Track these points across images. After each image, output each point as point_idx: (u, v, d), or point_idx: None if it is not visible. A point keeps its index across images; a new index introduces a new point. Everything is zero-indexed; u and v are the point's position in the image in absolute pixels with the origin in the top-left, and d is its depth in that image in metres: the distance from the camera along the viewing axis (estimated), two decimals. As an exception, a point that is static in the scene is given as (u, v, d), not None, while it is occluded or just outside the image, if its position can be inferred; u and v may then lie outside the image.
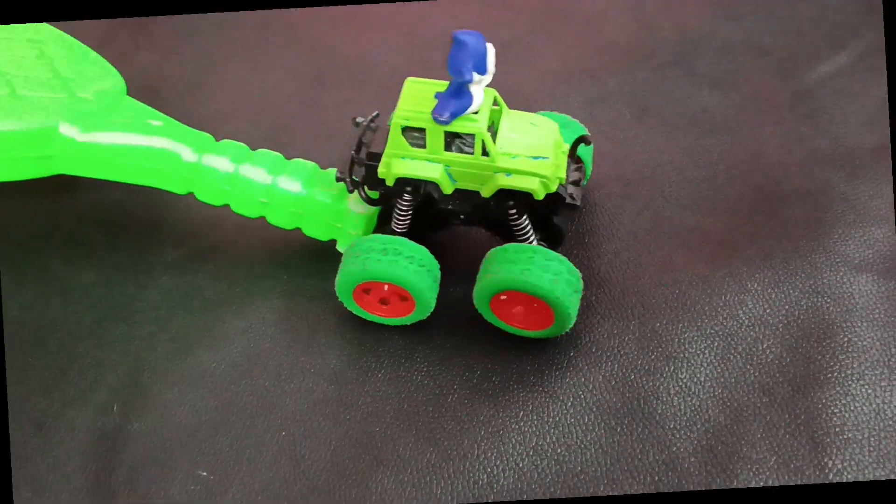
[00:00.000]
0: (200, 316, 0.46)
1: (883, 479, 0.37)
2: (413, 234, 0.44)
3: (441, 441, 0.39)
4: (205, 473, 0.39)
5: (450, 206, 0.44)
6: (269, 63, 0.64)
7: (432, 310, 0.43)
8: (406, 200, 0.43)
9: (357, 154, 0.44)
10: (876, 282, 0.44)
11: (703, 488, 0.37)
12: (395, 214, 0.44)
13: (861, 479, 0.37)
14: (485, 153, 0.41)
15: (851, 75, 0.58)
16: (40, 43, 0.50)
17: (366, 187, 0.44)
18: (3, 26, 0.50)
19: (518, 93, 0.58)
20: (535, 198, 0.41)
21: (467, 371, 0.42)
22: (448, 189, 0.42)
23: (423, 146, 0.41)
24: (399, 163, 0.42)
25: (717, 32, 0.62)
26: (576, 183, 0.43)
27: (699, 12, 0.65)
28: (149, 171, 0.46)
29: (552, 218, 0.44)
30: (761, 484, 0.37)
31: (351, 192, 0.44)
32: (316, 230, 0.47)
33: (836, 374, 0.41)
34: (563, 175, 0.42)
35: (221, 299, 0.47)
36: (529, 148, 0.42)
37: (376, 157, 0.43)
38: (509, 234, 0.44)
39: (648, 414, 0.40)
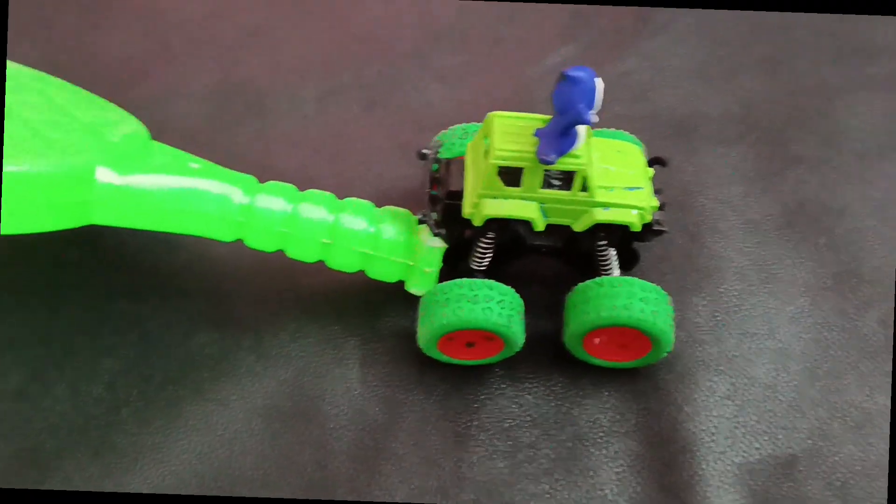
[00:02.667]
0: None
1: (501, 470, 0.41)
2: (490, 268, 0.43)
3: (106, 455, 0.41)
4: None
5: (537, 242, 0.42)
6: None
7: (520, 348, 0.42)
8: (490, 238, 0.42)
9: (432, 191, 0.42)
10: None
11: (348, 486, 0.40)
12: (476, 252, 0.43)
13: (493, 470, 0.41)
14: (583, 188, 0.40)
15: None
16: (44, 92, 0.45)
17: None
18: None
19: (250, 85, 0.58)
20: (632, 230, 0.41)
21: (145, 382, 0.43)
22: (541, 226, 0.41)
23: (514, 184, 0.40)
24: (490, 203, 0.40)
25: (457, 24, 0.63)
26: (661, 208, 0.42)
27: (447, 2, 0.65)
28: (194, 217, 0.42)
29: (631, 243, 0.43)
30: (397, 479, 0.40)
31: (436, 234, 0.42)
32: (384, 271, 0.44)
33: (490, 371, 0.44)
34: (656, 203, 0.42)
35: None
36: (624, 178, 0.41)
37: (456, 196, 0.41)
38: (590, 265, 0.43)
39: (313, 416, 0.42)
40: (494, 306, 0.40)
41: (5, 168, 0.38)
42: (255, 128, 0.56)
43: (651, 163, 0.44)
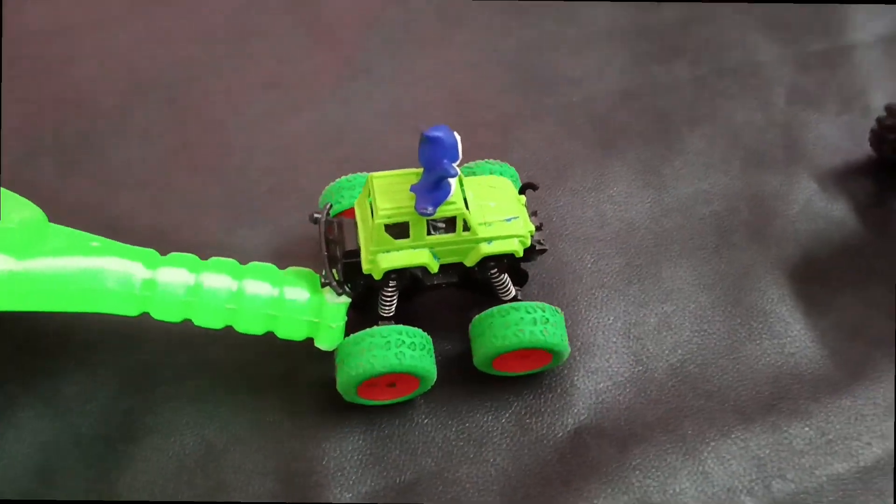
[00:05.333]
0: None
1: None
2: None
3: None
4: None
5: (436, 281, 0.46)
6: None
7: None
8: (392, 286, 0.45)
9: (329, 253, 0.45)
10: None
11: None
12: (381, 301, 0.45)
13: None
14: (465, 228, 0.44)
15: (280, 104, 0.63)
16: None
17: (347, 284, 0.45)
18: None
19: None
20: (516, 256, 0.45)
21: None
22: (435, 269, 0.45)
23: (403, 234, 0.43)
24: (385, 257, 0.43)
25: (163, 78, 0.64)
26: (539, 228, 0.47)
27: (156, 56, 0.66)
28: (98, 295, 0.43)
29: (520, 265, 0.47)
30: None
31: (340, 294, 0.44)
32: (292, 331, 0.45)
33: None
34: (532, 227, 0.46)
35: None
36: (500, 211, 0.45)
37: (352, 254, 0.45)
38: (490, 291, 0.47)
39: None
40: (406, 350, 0.44)
41: None
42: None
43: (522, 190, 0.48)
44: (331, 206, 0.47)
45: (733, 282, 0.52)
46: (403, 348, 0.44)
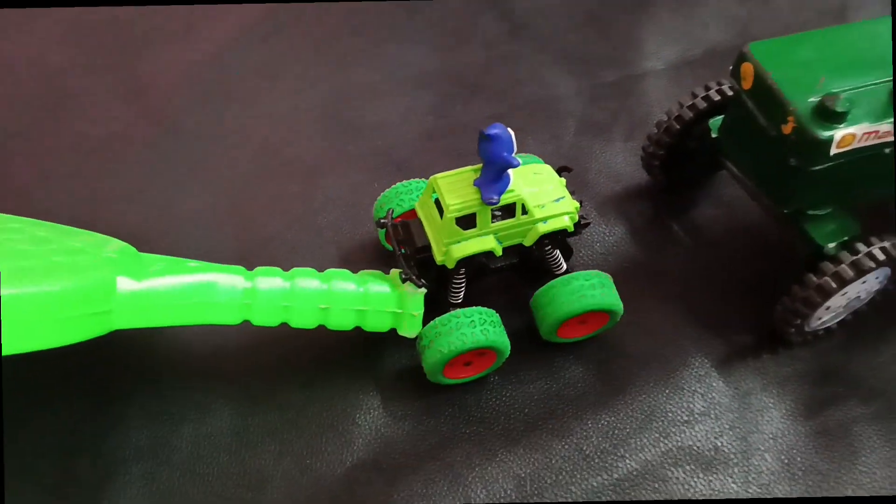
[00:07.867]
0: None
1: None
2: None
3: None
4: None
5: (499, 265, 0.50)
6: None
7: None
8: (461, 274, 0.49)
9: (403, 251, 0.49)
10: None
11: None
12: (452, 288, 0.50)
13: None
14: (523, 212, 0.48)
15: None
16: (22, 230, 0.46)
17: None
18: None
19: None
20: (569, 231, 0.50)
21: None
22: (500, 252, 0.49)
23: (468, 225, 0.47)
24: (457, 247, 0.48)
25: None
26: (581, 204, 0.51)
27: None
28: (208, 308, 0.46)
29: (565, 241, 0.52)
30: None
31: (420, 286, 0.48)
32: (378, 323, 0.49)
33: None
34: (577, 204, 0.50)
35: None
36: (548, 194, 0.49)
37: (423, 250, 0.49)
38: (543, 268, 0.51)
39: None
40: (489, 327, 0.48)
41: (32, 289, 0.41)
42: None
43: (559, 173, 0.52)
44: (392, 210, 0.51)
45: (516, 315, 0.54)
46: (487, 325, 0.48)
